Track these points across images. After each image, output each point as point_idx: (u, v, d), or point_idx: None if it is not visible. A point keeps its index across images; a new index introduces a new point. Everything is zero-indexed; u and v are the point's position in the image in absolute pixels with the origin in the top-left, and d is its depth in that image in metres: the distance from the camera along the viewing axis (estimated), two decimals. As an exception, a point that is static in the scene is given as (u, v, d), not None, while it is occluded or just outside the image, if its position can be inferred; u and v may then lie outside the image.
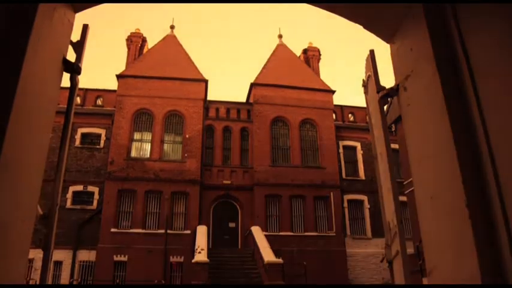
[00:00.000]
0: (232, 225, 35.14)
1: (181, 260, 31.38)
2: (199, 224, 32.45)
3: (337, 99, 56.72)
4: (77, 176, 34.47)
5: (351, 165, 39.93)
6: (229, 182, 35.68)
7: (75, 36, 3.43)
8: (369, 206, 37.79)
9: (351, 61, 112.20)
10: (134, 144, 35.41)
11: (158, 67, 37.42)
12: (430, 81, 3.08)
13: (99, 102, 40.08)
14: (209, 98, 38.80)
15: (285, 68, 40.76)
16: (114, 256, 30.99)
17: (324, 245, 34.22)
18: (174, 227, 33.16)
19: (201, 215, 33.67)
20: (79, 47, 3.44)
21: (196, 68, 38.84)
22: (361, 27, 3.85)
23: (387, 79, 3.93)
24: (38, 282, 25.91)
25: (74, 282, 31.24)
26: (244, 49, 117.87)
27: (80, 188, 34.44)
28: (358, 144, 40.51)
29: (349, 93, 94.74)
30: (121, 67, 45.13)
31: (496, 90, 2.65)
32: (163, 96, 36.50)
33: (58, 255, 30.77)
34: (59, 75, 3.24)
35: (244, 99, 41.64)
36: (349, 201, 37.98)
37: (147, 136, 35.80)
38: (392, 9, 3.48)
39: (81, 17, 3.55)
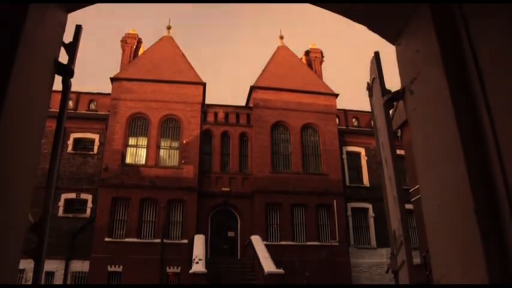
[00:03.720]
0: (231, 234, 35.13)
1: (178, 270, 31.37)
2: (197, 233, 32.39)
3: (341, 103, 56.88)
4: (70, 183, 34.45)
5: (354, 171, 39.91)
6: (228, 189, 35.69)
7: (68, 38, 3.43)
8: (373, 215, 37.74)
9: (354, 63, 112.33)
10: (129, 150, 35.42)
11: (154, 69, 37.47)
12: (437, 85, 3.08)
13: (92, 106, 40.16)
14: (207, 101, 38.85)
15: (286, 70, 40.81)
16: (108, 266, 30.95)
17: (326, 255, 34.19)
18: (171, 236, 33.13)
19: (199, 224, 33.63)
20: (72, 48, 3.44)
21: (193, 70, 38.90)
22: (365, 28, 3.85)
23: (393, 82, 3.93)
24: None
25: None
26: (244, 51, 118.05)
27: (72, 195, 34.43)
28: (362, 150, 40.49)
29: (353, 97, 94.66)
30: (115, 69, 45.27)
31: (506, 93, 2.65)
32: (159, 100, 36.52)
33: (50, 265, 30.75)
34: (50, 77, 3.23)
35: (243, 103, 41.65)
36: (353, 209, 37.96)
37: (143, 141, 35.83)
38: (397, 10, 3.48)
39: (74, 18, 3.55)
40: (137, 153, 35.60)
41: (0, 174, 2.59)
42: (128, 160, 35.08)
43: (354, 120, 44.27)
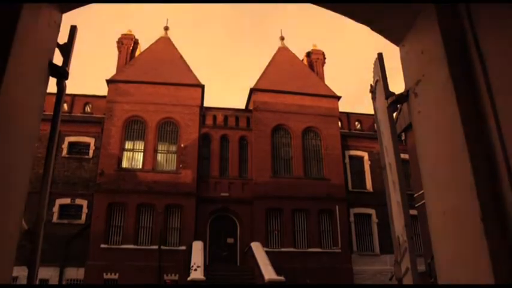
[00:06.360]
0: (230, 240, 35.09)
1: (176, 278, 31.33)
2: (195, 239, 32.37)
3: (343, 106, 56.70)
4: (64, 188, 34.43)
5: (357, 176, 39.89)
6: (227, 194, 35.65)
7: (62, 39, 3.43)
8: (376, 220, 37.74)
9: (357, 65, 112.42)
10: (125, 154, 35.41)
11: (151, 71, 37.44)
12: (442, 87, 3.08)
13: (87, 109, 40.06)
14: (206, 104, 38.89)
15: (287, 72, 40.80)
16: (104, 274, 30.92)
17: (328, 262, 34.15)
18: (168, 242, 33.11)
19: (197, 230, 33.61)
20: (66, 49, 3.44)
21: (192, 72, 38.90)
22: (368, 28, 3.85)
23: (397, 84, 3.93)
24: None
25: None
26: (244, 52, 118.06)
27: (67, 201, 34.42)
28: (365, 154, 40.48)
29: (356, 100, 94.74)
30: (111, 71, 45.24)
31: (513, 96, 2.64)
32: (156, 102, 36.51)
33: (44, 272, 30.68)
34: (44, 80, 3.23)
35: (243, 106, 41.69)
36: (355, 215, 37.93)
37: (140, 145, 35.81)
38: (402, 10, 3.48)
39: (69, 18, 3.55)
40: (134, 158, 35.59)
41: (-8, 179, 2.59)
42: (124, 164, 35.06)
43: (356, 123, 44.15)
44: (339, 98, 40.75)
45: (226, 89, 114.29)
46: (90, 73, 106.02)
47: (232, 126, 38.35)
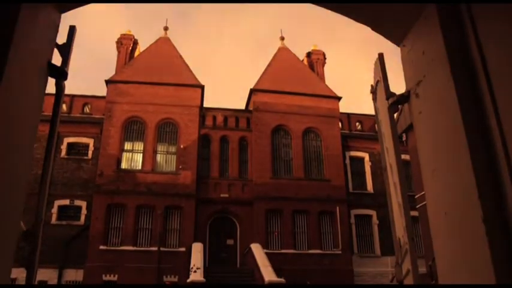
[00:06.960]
0: (230, 242, 35.07)
1: (176, 279, 31.30)
2: (195, 241, 32.35)
3: (344, 107, 56.76)
4: (63, 189, 34.42)
5: (358, 177, 39.88)
6: (227, 195, 35.62)
7: (61, 39, 3.42)
8: (377, 222, 37.72)
9: (358, 65, 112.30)
10: (125, 155, 35.38)
11: (150, 72, 37.40)
12: (443, 87, 3.07)
13: (86, 109, 40.07)
14: (205, 105, 38.86)
15: (287, 72, 40.76)
16: (103, 275, 30.89)
17: (329, 264, 34.12)
18: (168, 244, 33.09)
19: (197, 232, 33.58)
20: (65, 50, 3.43)
21: (191, 72, 38.88)
22: (369, 28, 3.85)
23: (398, 85, 3.93)
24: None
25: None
26: (244, 52, 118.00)
27: (66, 202, 34.39)
28: (366, 155, 40.47)
29: (357, 100, 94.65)
30: (110, 72, 45.22)
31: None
32: (156, 103, 36.48)
33: (43, 274, 30.65)
34: (43, 80, 3.22)
35: (243, 106, 41.65)
36: (356, 216, 37.92)
37: (139, 146, 35.79)
38: (403, 10, 3.47)
39: (68, 18, 3.54)
40: (133, 158, 35.57)
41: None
42: (124, 165, 35.04)
43: (357, 124, 44.16)
44: (339, 98, 40.72)
45: (226, 89, 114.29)
46: (89, 73, 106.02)
47: (232, 126, 38.34)
